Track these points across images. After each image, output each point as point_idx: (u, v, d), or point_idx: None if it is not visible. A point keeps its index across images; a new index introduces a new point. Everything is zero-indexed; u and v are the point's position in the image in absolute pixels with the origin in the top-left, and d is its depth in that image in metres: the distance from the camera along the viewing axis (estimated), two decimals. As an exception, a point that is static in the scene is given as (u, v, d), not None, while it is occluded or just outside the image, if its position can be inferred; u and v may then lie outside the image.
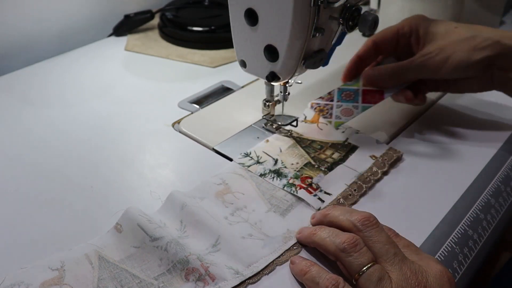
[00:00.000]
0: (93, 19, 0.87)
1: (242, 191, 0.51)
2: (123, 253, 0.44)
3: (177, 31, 0.82)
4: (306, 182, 0.52)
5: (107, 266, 0.42)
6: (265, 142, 0.57)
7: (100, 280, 0.41)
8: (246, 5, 0.49)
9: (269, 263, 0.44)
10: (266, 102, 0.58)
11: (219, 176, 0.52)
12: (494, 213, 0.51)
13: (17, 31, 0.78)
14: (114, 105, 0.67)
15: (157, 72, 0.75)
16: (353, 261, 0.40)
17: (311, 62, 0.51)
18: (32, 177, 0.54)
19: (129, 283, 0.41)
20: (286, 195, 0.50)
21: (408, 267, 0.39)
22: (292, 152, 0.56)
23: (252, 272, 0.43)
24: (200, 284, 0.41)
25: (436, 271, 0.40)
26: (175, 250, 0.43)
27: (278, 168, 0.53)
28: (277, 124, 0.59)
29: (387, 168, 0.54)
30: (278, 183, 0.52)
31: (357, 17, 0.49)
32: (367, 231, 0.41)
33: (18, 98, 0.68)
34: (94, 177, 0.54)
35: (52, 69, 0.75)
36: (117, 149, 0.58)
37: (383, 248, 0.40)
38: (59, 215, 0.49)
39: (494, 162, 0.56)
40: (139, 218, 0.45)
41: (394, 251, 0.40)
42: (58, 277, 0.41)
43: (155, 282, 0.42)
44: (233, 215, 0.48)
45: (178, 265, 0.42)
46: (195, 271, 0.42)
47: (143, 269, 0.43)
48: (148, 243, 0.44)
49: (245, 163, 0.54)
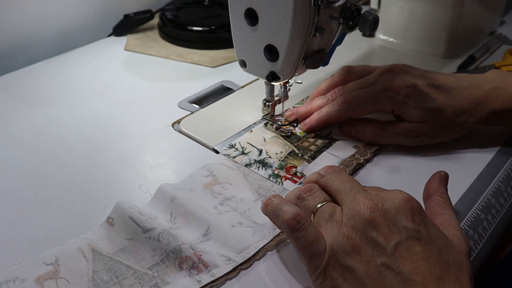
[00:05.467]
0: (93, 19, 0.87)
1: (229, 181, 0.52)
2: (116, 246, 0.44)
3: (177, 31, 0.82)
4: (291, 172, 0.53)
5: (101, 259, 0.43)
6: (249, 132, 0.58)
7: (95, 272, 0.42)
8: (246, 5, 0.49)
9: (259, 249, 0.45)
10: (266, 102, 0.58)
11: (207, 168, 0.53)
12: (494, 213, 0.51)
13: (17, 31, 0.78)
14: (114, 105, 0.67)
15: (157, 72, 0.75)
16: (307, 204, 0.41)
17: (311, 62, 0.51)
18: (32, 177, 0.54)
19: (124, 274, 0.42)
20: (273, 185, 0.51)
21: (363, 196, 0.39)
22: (275, 141, 0.57)
23: (244, 258, 0.44)
24: (194, 272, 0.42)
25: (395, 198, 0.39)
26: (168, 240, 0.43)
27: (262, 159, 0.54)
28: (277, 124, 0.59)
29: (370, 156, 0.55)
30: (263, 173, 0.53)
31: (357, 17, 0.49)
32: (328, 174, 0.43)
33: (18, 98, 0.68)
34: (94, 177, 0.53)
35: (52, 69, 0.75)
36: (117, 149, 0.58)
37: (341, 184, 0.41)
38: (58, 214, 0.49)
39: (495, 162, 0.56)
40: (130, 210, 0.46)
41: (351, 186, 0.41)
42: (53, 271, 0.41)
43: (150, 272, 0.42)
44: (222, 204, 0.49)
45: (171, 255, 0.43)
46: (188, 259, 0.42)
47: (137, 260, 0.43)
48: (141, 235, 0.44)
49: (230, 154, 0.55)
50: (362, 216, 0.38)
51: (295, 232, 0.39)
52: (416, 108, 0.54)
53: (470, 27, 0.77)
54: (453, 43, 0.76)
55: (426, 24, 0.76)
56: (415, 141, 0.56)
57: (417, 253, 0.36)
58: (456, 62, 0.75)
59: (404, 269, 0.36)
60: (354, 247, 0.37)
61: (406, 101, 0.55)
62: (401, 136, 0.56)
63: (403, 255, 0.36)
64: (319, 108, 0.58)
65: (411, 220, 0.38)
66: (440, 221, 0.41)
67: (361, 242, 0.37)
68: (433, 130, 0.55)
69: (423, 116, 0.54)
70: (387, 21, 0.80)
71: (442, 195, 0.44)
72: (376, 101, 0.55)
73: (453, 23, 0.74)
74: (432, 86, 0.55)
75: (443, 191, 0.45)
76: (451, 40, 0.75)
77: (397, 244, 0.36)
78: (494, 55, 0.78)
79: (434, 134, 0.56)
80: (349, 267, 0.37)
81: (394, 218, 0.38)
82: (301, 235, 0.38)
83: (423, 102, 0.54)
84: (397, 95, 0.55)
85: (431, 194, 0.45)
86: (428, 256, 0.36)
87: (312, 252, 0.38)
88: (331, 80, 0.61)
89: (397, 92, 0.55)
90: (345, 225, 0.38)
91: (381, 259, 0.36)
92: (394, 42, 0.80)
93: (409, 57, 0.77)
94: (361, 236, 0.37)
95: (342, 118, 0.57)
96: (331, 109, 0.57)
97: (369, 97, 0.56)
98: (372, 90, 0.56)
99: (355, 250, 0.37)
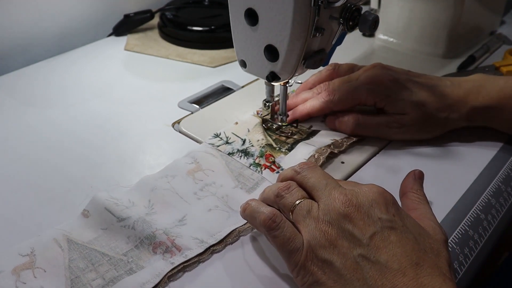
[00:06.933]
0: (92, 19, 0.87)
1: (212, 168, 0.53)
2: (91, 235, 0.45)
3: (177, 31, 0.82)
4: (270, 160, 0.54)
5: (76, 248, 0.44)
6: (234, 124, 0.59)
7: (71, 260, 0.43)
8: (246, 5, 0.49)
9: (232, 230, 0.46)
10: (266, 103, 0.58)
11: (191, 155, 0.54)
12: (494, 213, 0.51)
13: (17, 31, 0.78)
14: (114, 105, 0.67)
15: (157, 72, 0.75)
16: (286, 201, 0.42)
17: (311, 62, 0.51)
18: (32, 176, 0.54)
19: (99, 261, 0.43)
20: (253, 174, 0.53)
21: (338, 191, 0.40)
22: (258, 129, 0.58)
23: (216, 239, 0.45)
24: (167, 255, 0.43)
25: (369, 192, 0.39)
26: (142, 227, 0.45)
27: (245, 148, 0.56)
28: (277, 124, 0.59)
29: (345, 147, 0.56)
30: (245, 162, 0.54)
31: (357, 17, 0.49)
32: (303, 171, 0.43)
33: (18, 98, 0.68)
34: (94, 177, 0.54)
35: (52, 69, 0.75)
36: (117, 149, 0.58)
37: (316, 181, 0.42)
38: (59, 214, 0.48)
39: (495, 162, 0.56)
40: (106, 202, 0.47)
41: (326, 182, 0.41)
42: (29, 262, 0.42)
43: (124, 258, 0.43)
44: (202, 190, 0.50)
45: (145, 241, 0.44)
46: (162, 244, 0.44)
47: (112, 247, 0.44)
48: (116, 224, 0.45)
49: (214, 143, 0.56)
50: (337, 211, 0.39)
51: (272, 231, 0.40)
52: (398, 101, 0.56)
53: (470, 27, 0.77)
54: (453, 43, 0.76)
55: (426, 24, 0.76)
56: (397, 133, 0.57)
57: (393, 242, 0.37)
58: (456, 62, 0.75)
59: (380, 258, 0.36)
60: (331, 241, 0.38)
61: (388, 94, 0.56)
62: (383, 126, 0.57)
63: (378, 245, 0.37)
64: (304, 101, 0.60)
65: (386, 211, 0.39)
66: (415, 215, 0.42)
67: (337, 236, 0.38)
68: (415, 122, 0.56)
69: (404, 107, 0.56)
70: (387, 21, 0.80)
71: (417, 192, 0.45)
72: (359, 94, 0.57)
73: (453, 23, 0.74)
74: (414, 82, 0.57)
75: (418, 187, 0.46)
76: (451, 40, 0.75)
77: (372, 235, 0.37)
78: (494, 55, 0.78)
79: (416, 127, 0.56)
80: (327, 260, 0.37)
81: (368, 210, 0.38)
82: (278, 233, 0.40)
83: (404, 95, 0.56)
84: (379, 88, 0.56)
85: (406, 192, 0.46)
86: (404, 244, 0.37)
87: (290, 248, 0.39)
88: (318, 76, 0.63)
89: (379, 85, 0.56)
90: (322, 220, 0.39)
91: (357, 251, 0.37)
92: (394, 42, 0.80)
93: (409, 57, 0.77)
94: (337, 230, 0.38)
95: (326, 110, 0.59)
96: (315, 102, 0.59)
97: (351, 90, 0.57)
98: (354, 84, 0.57)
99: (332, 244, 0.38)
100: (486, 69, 0.72)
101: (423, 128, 0.57)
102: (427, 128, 0.57)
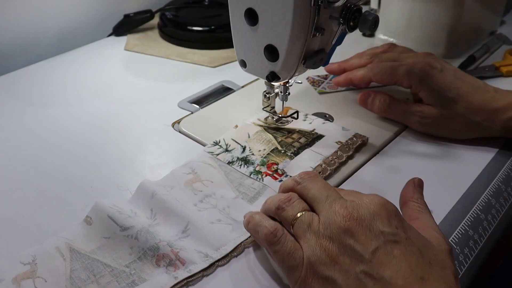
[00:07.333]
0: (92, 19, 0.87)
1: (211, 179, 0.52)
2: (94, 244, 0.45)
3: (177, 31, 0.82)
4: (272, 169, 0.53)
5: (78, 257, 0.43)
6: (234, 128, 0.59)
7: (72, 271, 0.42)
8: (246, 5, 0.49)
9: (237, 245, 0.45)
10: (267, 94, 0.58)
11: (189, 165, 0.53)
12: (494, 213, 0.51)
13: (17, 31, 0.78)
14: (114, 105, 0.67)
15: (157, 72, 0.75)
16: (286, 215, 0.41)
17: (311, 62, 0.51)
18: (32, 176, 0.54)
19: (101, 272, 0.42)
20: (254, 183, 0.52)
21: (339, 204, 0.39)
22: (260, 138, 0.57)
23: (221, 254, 0.44)
24: (171, 268, 0.42)
25: (370, 204, 0.38)
26: (145, 238, 0.44)
27: (245, 156, 0.55)
28: (277, 116, 0.58)
29: (352, 152, 0.55)
30: (245, 171, 0.53)
31: (357, 17, 0.49)
32: (304, 182, 0.43)
33: (18, 98, 0.68)
34: (94, 177, 0.54)
35: (52, 69, 0.75)
36: (117, 149, 0.58)
37: (317, 192, 0.41)
38: (59, 214, 0.49)
39: (495, 162, 0.56)
40: (109, 209, 0.46)
41: (326, 194, 0.40)
42: (30, 271, 0.42)
43: (127, 269, 0.42)
44: (202, 201, 0.49)
45: (148, 252, 0.43)
46: (166, 256, 0.43)
47: (115, 258, 0.43)
48: (119, 233, 0.45)
49: (214, 152, 0.55)
50: (338, 225, 0.37)
51: (273, 246, 0.39)
52: (432, 90, 0.56)
53: (470, 27, 0.77)
54: (453, 43, 0.76)
55: (426, 24, 0.76)
56: (421, 124, 0.57)
57: (396, 256, 0.36)
58: (456, 62, 0.75)
59: (384, 274, 0.35)
60: (332, 257, 0.37)
61: (424, 80, 0.56)
62: (409, 114, 0.57)
63: (382, 261, 0.36)
64: (351, 66, 0.65)
65: (388, 224, 0.37)
66: (417, 225, 0.41)
67: (338, 252, 0.37)
68: (442, 117, 0.56)
69: (436, 99, 0.56)
70: (387, 21, 0.80)
71: (418, 201, 0.44)
72: (397, 72, 0.58)
73: (453, 23, 0.74)
74: (457, 78, 0.57)
75: (419, 196, 0.45)
76: (451, 40, 0.75)
77: (375, 250, 0.36)
78: (494, 55, 0.78)
79: (441, 122, 0.56)
80: (329, 277, 0.37)
81: (370, 224, 0.37)
82: (278, 248, 0.39)
83: (440, 86, 0.56)
84: (417, 72, 0.57)
85: (406, 201, 0.45)
86: (408, 258, 0.36)
87: (290, 264, 0.38)
88: (374, 49, 0.66)
89: (418, 69, 0.57)
90: (322, 235, 0.38)
91: (359, 267, 0.36)
92: (394, 42, 0.80)
93: (409, 57, 0.77)
94: (338, 245, 0.37)
95: (366, 79, 0.61)
96: (360, 72, 0.62)
97: (393, 67, 0.58)
98: (397, 63, 0.59)
99: (333, 261, 0.37)
100: (486, 69, 0.72)
101: (448, 126, 0.57)
102: (454, 126, 0.57)
